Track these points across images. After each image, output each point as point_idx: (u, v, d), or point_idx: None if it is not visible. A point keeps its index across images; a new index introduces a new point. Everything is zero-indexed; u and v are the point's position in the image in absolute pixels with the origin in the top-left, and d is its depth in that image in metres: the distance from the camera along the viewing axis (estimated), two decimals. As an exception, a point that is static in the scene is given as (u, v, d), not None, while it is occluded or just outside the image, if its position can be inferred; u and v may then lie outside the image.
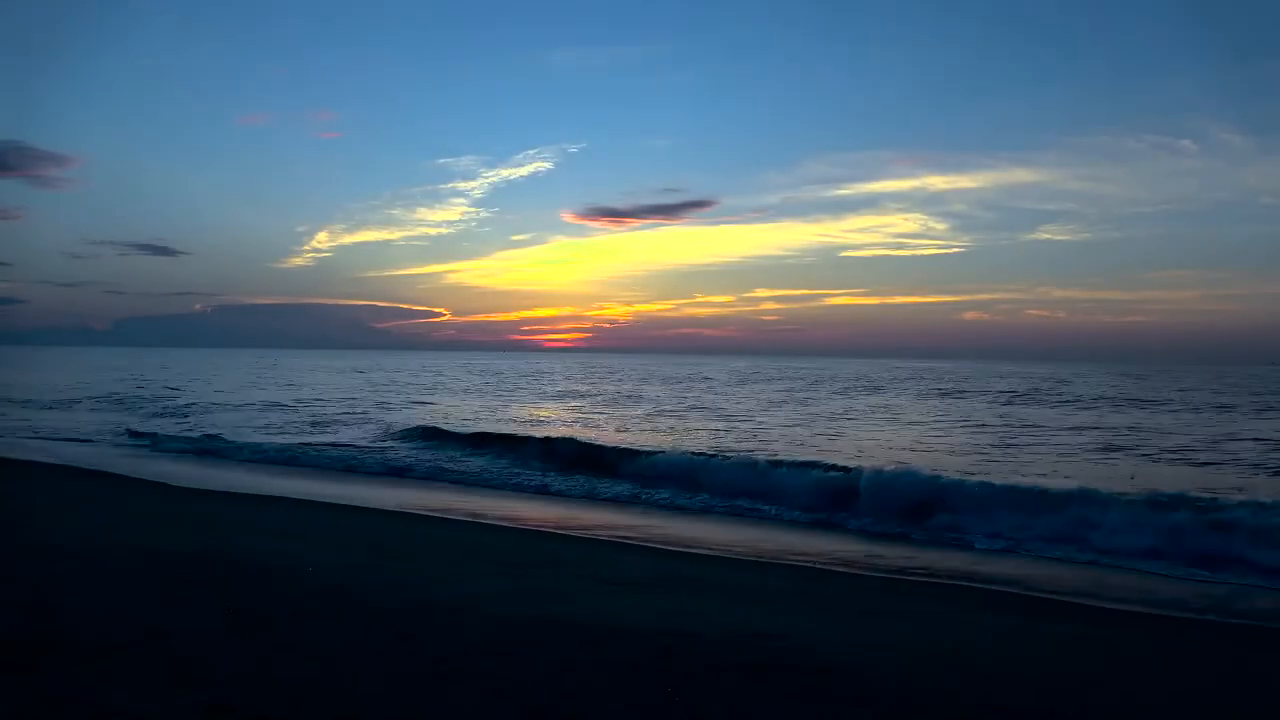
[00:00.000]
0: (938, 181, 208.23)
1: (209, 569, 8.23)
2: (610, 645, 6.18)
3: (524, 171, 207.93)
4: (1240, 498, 14.77)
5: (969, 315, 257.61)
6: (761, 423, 33.00)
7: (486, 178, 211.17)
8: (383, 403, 42.47)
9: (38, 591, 7.05)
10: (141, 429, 28.09)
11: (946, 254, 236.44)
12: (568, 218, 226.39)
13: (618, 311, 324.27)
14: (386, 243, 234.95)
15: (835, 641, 6.77)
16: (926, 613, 8.75)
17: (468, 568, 9.42)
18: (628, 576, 9.41)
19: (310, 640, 5.99)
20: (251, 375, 74.66)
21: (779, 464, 18.94)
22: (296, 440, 26.32)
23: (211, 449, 23.92)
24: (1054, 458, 22.90)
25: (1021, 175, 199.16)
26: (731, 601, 8.35)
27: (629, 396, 50.30)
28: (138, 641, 5.72)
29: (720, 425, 31.79)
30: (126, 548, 9.16)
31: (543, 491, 18.32)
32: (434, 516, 14.61)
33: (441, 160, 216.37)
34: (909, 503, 15.46)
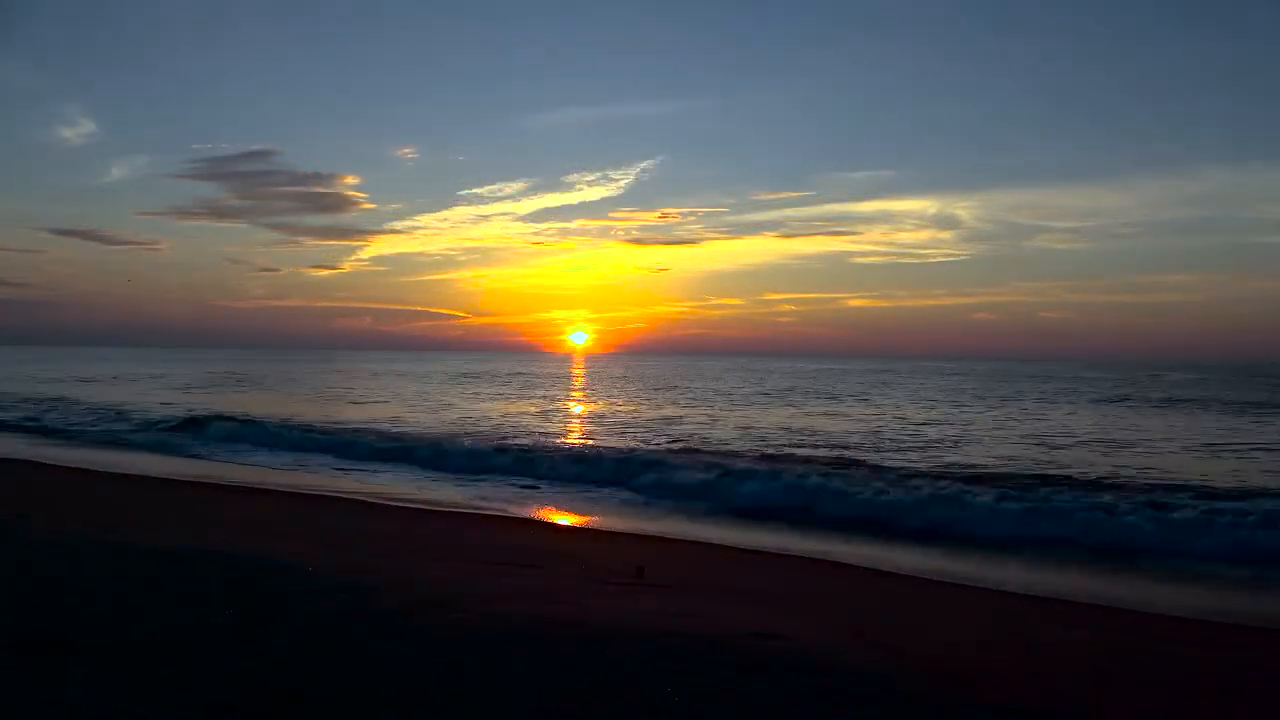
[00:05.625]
0: (945, 197, 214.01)
1: (209, 568, 8.24)
2: (610, 645, 6.18)
3: (561, 193, 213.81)
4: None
5: (978, 316, 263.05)
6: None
7: (519, 196, 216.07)
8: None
9: (39, 591, 7.06)
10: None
11: (954, 260, 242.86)
12: (590, 227, 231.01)
13: (631, 314, 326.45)
14: (412, 253, 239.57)
15: (835, 641, 6.77)
16: (928, 611, 8.76)
17: (468, 567, 9.41)
18: (627, 576, 9.41)
19: (310, 640, 6.00)
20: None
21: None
22: None
23: None
24: None
25: (1024, 193, 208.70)
26: (731, 601, 8.34)
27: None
28: (138, 641, 5.73)
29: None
30: (125, 547, 9.16)
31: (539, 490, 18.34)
32: (434, 515, 14.61)
33: (477, 185, 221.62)
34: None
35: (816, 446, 24.97)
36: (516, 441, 25.22)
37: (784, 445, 25.18)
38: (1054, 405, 44.34)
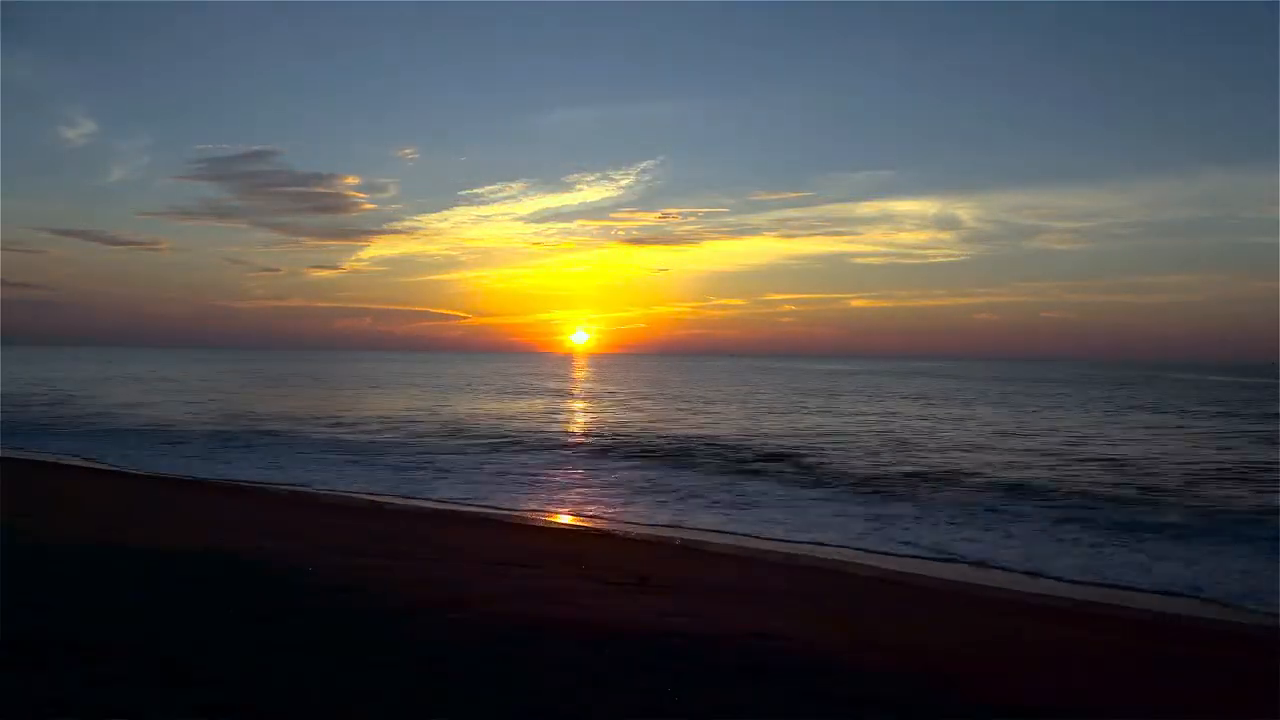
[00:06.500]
0: (945, 198, 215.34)
1: (209, 568, 8.24)
2: (610, 645, 6.18)
3: (562, 193, 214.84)
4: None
5: (979, 316, 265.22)
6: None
7: (520, 197, 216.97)
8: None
9: (38, 591, 7.06)
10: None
11: (954, 260, 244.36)
12: (591, 227, 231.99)
13: (632, 314, 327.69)
14: (413, 254, 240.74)
15: (834, 642, 6.77)
16: (927, 612, 8.75)
17: (468, 567, 9.42)
18: (628, 576, 9.41)
19: (311, 640, 6.00)
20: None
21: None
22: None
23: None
24: None
25: (1024, 193, 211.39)
26: (731, 602, 8.35)
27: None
28: (137, 641, 5.73)
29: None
30: (125, 547, 9.16)
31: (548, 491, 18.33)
32: (435, 515, 14.62)
33: (487, 184, 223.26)
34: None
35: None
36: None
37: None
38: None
